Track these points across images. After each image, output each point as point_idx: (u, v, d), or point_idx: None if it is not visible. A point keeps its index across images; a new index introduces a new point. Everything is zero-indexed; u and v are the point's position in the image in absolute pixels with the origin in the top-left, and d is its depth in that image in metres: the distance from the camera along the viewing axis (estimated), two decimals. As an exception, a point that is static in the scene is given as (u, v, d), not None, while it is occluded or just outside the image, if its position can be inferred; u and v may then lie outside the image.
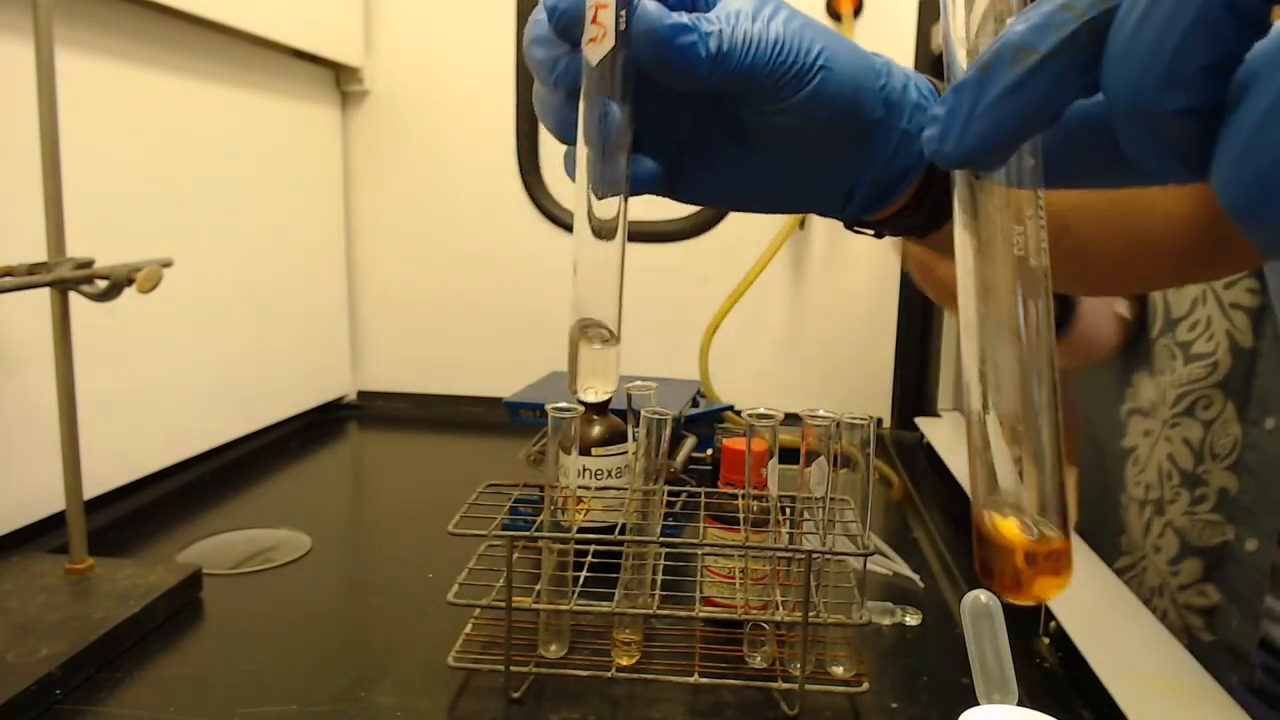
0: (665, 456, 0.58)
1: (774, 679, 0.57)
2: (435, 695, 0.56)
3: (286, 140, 1.16)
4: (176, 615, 0.65)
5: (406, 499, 0.98)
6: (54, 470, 0.64)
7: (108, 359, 0.84)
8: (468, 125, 1.30)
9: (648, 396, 0.60)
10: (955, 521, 0.92)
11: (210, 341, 1.01)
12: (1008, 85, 0.21)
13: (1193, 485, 0.77)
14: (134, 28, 0.88)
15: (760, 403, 0.59)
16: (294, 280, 1.19)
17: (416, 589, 0.71)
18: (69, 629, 0.57)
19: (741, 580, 0.61)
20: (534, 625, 0.59)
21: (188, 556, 0.77)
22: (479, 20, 1.27)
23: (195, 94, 0.97)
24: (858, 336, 1.29)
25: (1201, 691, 0.57)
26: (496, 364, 1.30)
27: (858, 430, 0.55)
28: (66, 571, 0.65)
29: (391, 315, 1.36)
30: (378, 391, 1.37)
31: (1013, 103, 0.21)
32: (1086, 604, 0.69)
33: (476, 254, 1.33)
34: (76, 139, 0.65)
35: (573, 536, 0.57)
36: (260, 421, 1.12)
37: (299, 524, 0.84)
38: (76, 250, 0.63)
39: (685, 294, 1.26)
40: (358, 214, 1.33)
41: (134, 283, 0.62)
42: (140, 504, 0.89)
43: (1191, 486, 0.77)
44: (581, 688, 0.57)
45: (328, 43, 1.18)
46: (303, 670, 0.59)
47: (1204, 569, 0.77)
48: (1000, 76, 0.21)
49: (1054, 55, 0.21)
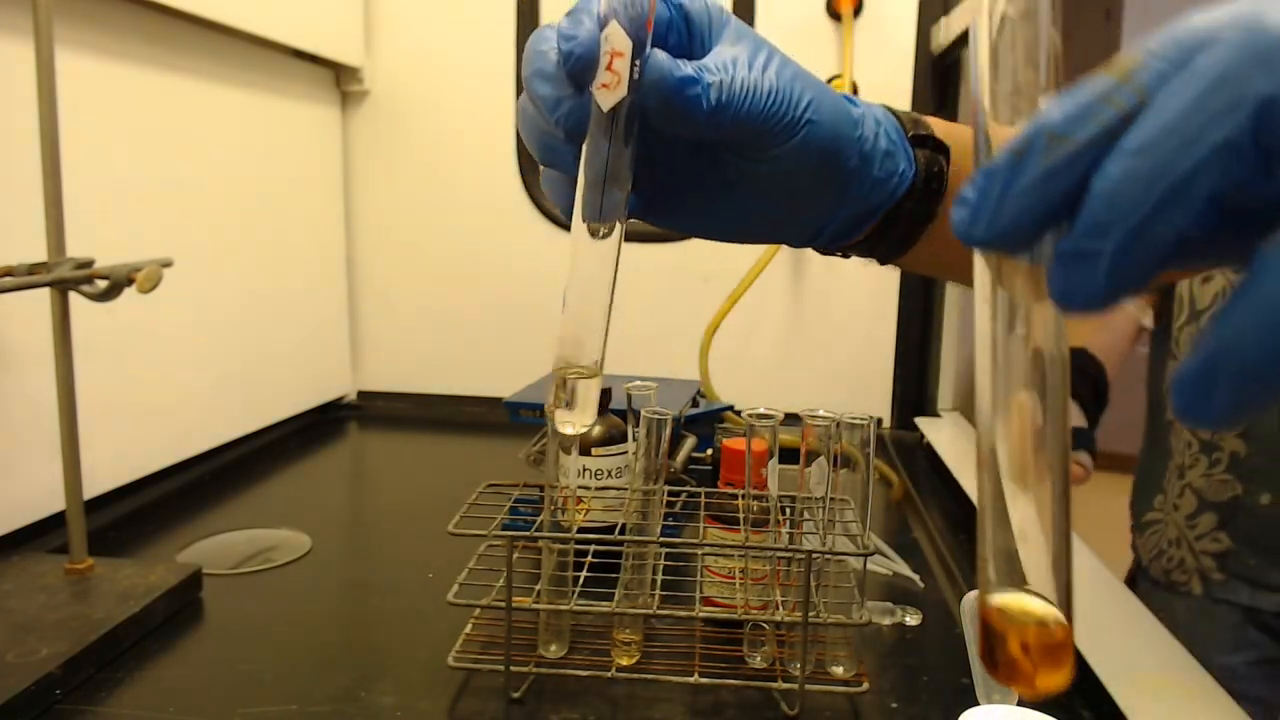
0: (665, 456, 0.58)
1: (774, 679, 0.57)
2: (435, 695, 0.56)
3: (286, 140, 1.16)
4: (176, 615, 0.65)
5: (406, 499, 0.98)
6: (54, 470, 0.64)
7: (108, 359, 0.84)
8: (468, 125, 1.30)
9: (648, 396, 0.60)
10: (955, 521, 0.92)
11: (210, 341, 1.01)
12: (1041, 173, 0.21)
13: (1209, 451, 0.93)
14: (134, 28, 0.88)
15: (760, 403, 0.59)
16: (294, 280, 1.19)
17: (416, 589, 0.71)
18: (69, 629, 0.57)
19: (741, 580, 0.61)
20: (534, 625, 0.59)
21: (188, 556, 0.77)
22: (479, 20, 1.27)
23: (195, 94, 0.97)
24: (858, 336, 1.29)
25: (1201, 692, 0.57)
26: (496, 364, 1.30)
27: (858, 430, 0.55)
28: (66, 571, 0.65)
29: (391, 315, 1.36)
30: (378, 391, 1.37)
31: (1045, 190, 0.21)
32: (1086, 605, 0.69)
33: (476, 254, 1.33)
34: (76, 139, 0.65)
35: (573, 536, 0.57)
36: (260, 421, 1.12)
37: (299, 524, 0.84)
38: (76, 250, 0.63)
39: (685, 294, 1.27)
40: (358, 214, 1.33)
41: (134, 283, 0.62)
42: (140, 504, 0.89)
43: (1209, 452, 0.93)
44: (581, 688, 0.57)
45: (328, 43, 1.18)
46: (303, 670, 0.59)
47: (1218, 520, 0.92)
48: (1034, 163, 0.21)
49: (1090, 145, 0.20)
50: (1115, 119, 0.20)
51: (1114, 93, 0.20)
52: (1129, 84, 0.20)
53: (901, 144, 0.40)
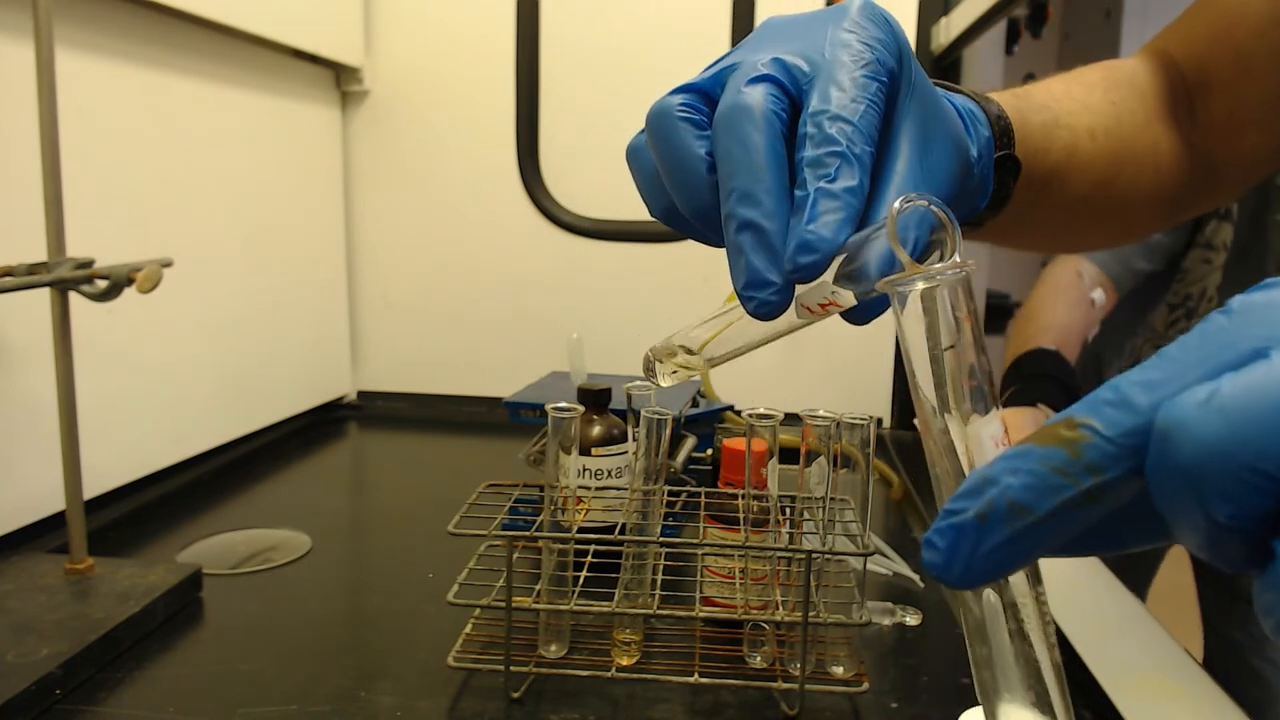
0: (665, 456, 0.58)
1: (774, 679, 0.57)
2: (435, 695, 0.56)
3: (286, 140, 1.16)
4: (176, 615, 0.65)
5: (406, 499, 0.98)
6: (54, 470, 0.64)
7: (108, 359, 0.84)
8: (468, 125, 1.30)
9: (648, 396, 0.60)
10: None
11: (210, 341, 1.01)
12: (1005, 538, 0.21)
13: None
14: (134, 28, 0.88)
15: (760, 403, 0.59)
16: (294, 280, 1.19)
17: (416, 589, 0.71)
18: (69, 629, 0.57)
19: (741, 580, 0.61)
20: (534, 625, 0.59)
21: (188, 556, 0.77)
22: (479, 20, 1.26)
23: (195, 94, 0.97)
24: (858, 336, 1.29)
25: (1200, 692, 0.57)
26: (496, 364, 1.30)
27: (858, 430, 0.55)
28: (66, 571, 0.65)
29: (391, 315, 1.36)
30: (378, 391, 1.37)
31: (1011, 551, 0.21)
32: (1086, 605, 0.69)
33: (476, 254, 1.33)
34: (76, 139, 0.65)
35: (573, 536, 0.57)
36: (260, 421, 1.12)
37: (299, 524, 0.84)
38: (76, 250, 0.63)
39: (685, 294, 1.26)
40: (358, 214, 1.33)
41: (134, 283, 0.62)
42: (140, 504, 0.89)
43: None
44: (581, 688, 0.57)
45: (328, 43, 1.18)
46: (303, 670, 0.59)
47: None
48: (997, 530, 0.21)
49: (1053, 517, 0.21)
50: (1077, 494, 0.20)
51: (1069, 469, 0.20)
52: (1080, 460, 0.20)
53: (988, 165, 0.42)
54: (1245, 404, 0.18)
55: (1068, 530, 0.21)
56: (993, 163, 0.42)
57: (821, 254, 0.29)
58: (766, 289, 0.30)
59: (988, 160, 0.41)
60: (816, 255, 0.29)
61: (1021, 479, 0.21)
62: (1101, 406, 0.20)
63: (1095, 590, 0.73)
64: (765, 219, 0.30)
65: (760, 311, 0.30)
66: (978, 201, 0.42)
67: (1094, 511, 0.21)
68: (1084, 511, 0.21)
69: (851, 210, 0.29)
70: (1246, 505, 0.18)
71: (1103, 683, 0.56)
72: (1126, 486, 0.20)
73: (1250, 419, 0.18)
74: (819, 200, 0.29)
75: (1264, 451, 0.18)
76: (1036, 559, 0.22)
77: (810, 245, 0.29)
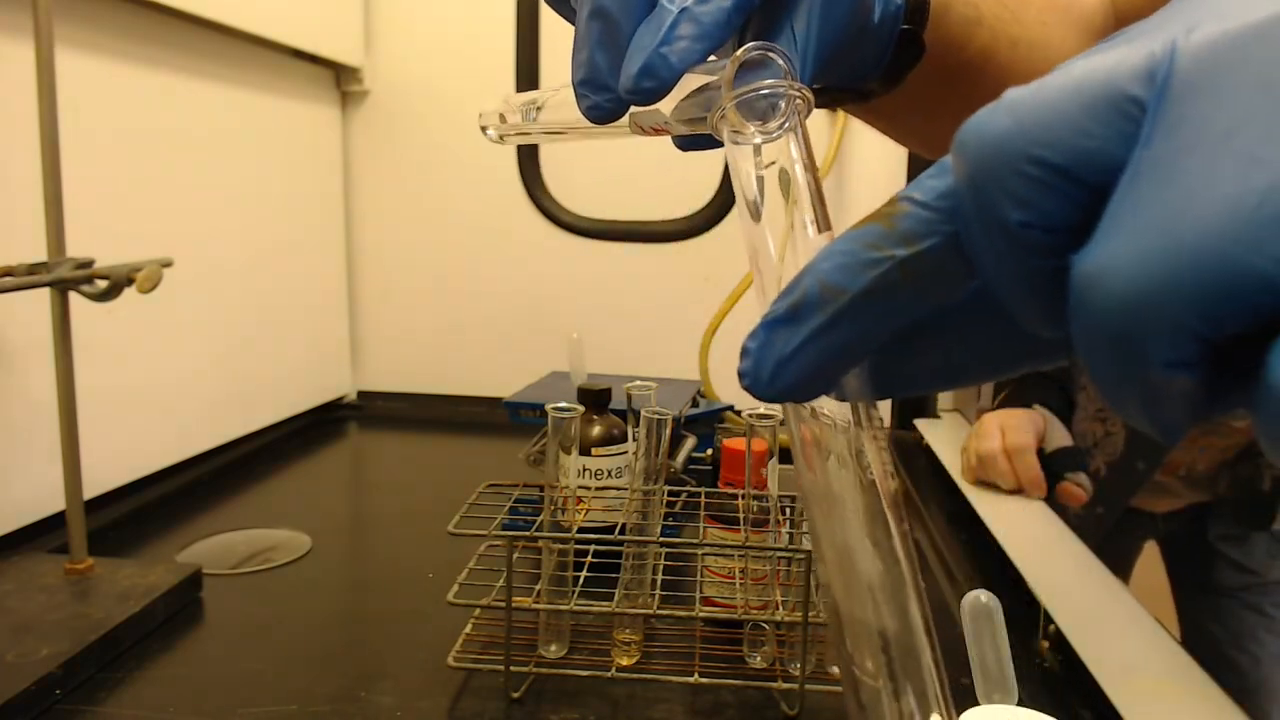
0: (665, 456, 0.58)
1: (774, 679, 0.57)
2: (435, 695, 0.56)
3: (286, 140, 1.16)
4: (176, 615, 0.65)
5: (406, 499, 0.98)
6: (54, 470, 0.64)
7: (108, 359, 0.84)
8: (468, 125, 1.29)
9: (648, 396, 0.60)
10: (955, 521, 0.92)
11: (210, 341, 1.01)
12: (818, 327, 0.19)
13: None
14: (134, 28, 0.88)
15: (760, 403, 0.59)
16: (294, 280, 1.19)
17: (416, 589, 0.71)
18: (69, 629, 0.57)
19: (741, 580, 0.61)
20: (534, 625, 0.59)
21: (188, 556, 0.77)
22: (479, 20, 1.26)
23: (195, 94, 0.97)
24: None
25: (1200, 693, 0.57)
26: (496, 364, 1.30)
27: (858, 430, 0.55)
28: (66, 571, 0.65)
29: (391, 315, 1.36)
30: (378, 391, 1.37)
31: (825, 343, 0.19)
32: (1085, 605, 0.69)
33: (476, 254, 1.33)
34: (76, 139, 0.65)
35: (573, 536, 0.57)
36: (260, 421, 1.12)
37: (299, 524, 0.84)
38: (76, 250, 0.63)
39: (685, 294, 1.26)
40: (358, 214, 1.33)
41: (134, 283, 0.62)
42: (140, 504, 0.89)
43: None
44: (581, 688, 0.57)
45: (328, 43, 1.18)
46: (303, 670, 0.59)
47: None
48: (810, 318, 0.19)
49: (866, 296, 0.19)
50: (891, 266, 0.18)
51: (883, 241, 0.19)
52: (895, 231, 0.19)
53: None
54: (1039, 99, 0.16)
55: (890, 319, 0.19)
56: (896, 36, 0.36)
57: (662, 81, 0.26)
58: (602, 93, 0.27)
59: (890, 28, 0.36)
60: (656, 83, 0.26)
61: (834, 260, 0.19)
62: (923, 179, 0.18)
63: (1096, 590, 0.73)
64: (622, 14, 0.26)
65: (592, 115, 0.28)
66: (868, 71, 0.37)
67: (916, 294, 0.19)
68: (904, 293, 0.18)
69: (711, 42, 0.26)
70: (1038, 209, 0.16)
71: (1102, 683, 0.56)
72: (948, 260, 0.18)
73: (1040, 108, 0.16)
74: (680, 22, 0.26)
75: (1044, 140, 0.15)
76: (859, 359, 0.20)
77: (653, 70, 0.26)
